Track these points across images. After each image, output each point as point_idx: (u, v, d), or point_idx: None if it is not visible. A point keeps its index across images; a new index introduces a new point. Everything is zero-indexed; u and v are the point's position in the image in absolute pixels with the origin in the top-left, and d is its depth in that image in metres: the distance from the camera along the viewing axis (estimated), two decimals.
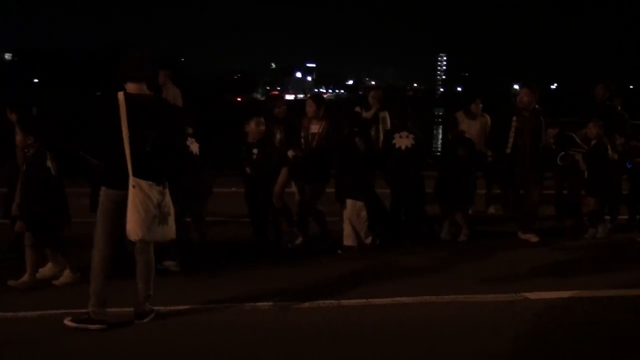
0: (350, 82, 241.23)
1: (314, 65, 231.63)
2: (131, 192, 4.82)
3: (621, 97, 10.54)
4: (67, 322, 4.94)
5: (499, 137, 8.41)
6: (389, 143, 7.97)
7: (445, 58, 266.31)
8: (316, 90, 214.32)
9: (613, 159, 8.62)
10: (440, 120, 44.55)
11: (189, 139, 6.60)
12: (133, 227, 4.84)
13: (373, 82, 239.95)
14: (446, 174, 8.25)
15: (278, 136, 7.75)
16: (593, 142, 8.52)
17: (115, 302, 5.11)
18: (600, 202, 8.53)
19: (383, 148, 8.34)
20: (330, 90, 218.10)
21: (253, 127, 7.07)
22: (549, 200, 9.27)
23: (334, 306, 5.69)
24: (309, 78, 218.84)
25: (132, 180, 4.81)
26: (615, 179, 8.82)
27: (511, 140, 8.20)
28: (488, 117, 9.78)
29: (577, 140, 9.00)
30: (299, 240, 7.81)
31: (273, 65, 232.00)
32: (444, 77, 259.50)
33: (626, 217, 9.31)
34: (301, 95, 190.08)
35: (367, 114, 9.14)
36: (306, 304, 5.71)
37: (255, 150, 7.08)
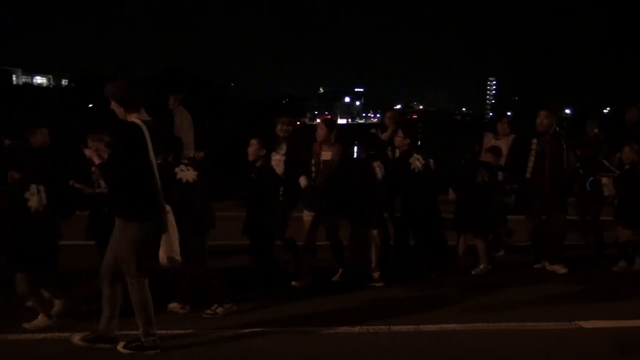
0: (399, 106, 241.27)
1: (362, 89, 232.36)
2: (170, 217, 4.88)
3: None
4: (120, 348, 4.93)
5: (518, 160, 8.02)
6: (403, 165, 7.64)
7: (495, 82, 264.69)
8: (364, 114, 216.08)
9: None
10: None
11: (182, 166, 6.08)
12: (175, 250, 4.90)
13: (421, 107, 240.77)
14: (463, 200, 7.89)
15: (277, 157, 7.40)
16: (627, 166, 8.04)
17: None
18: (635, 232, 7.90)
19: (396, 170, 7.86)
20: (378, 115, 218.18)
21: (251, 147, 6.83)
22: (575, 228, 8.75)
23: (385, 332, 5.59)
24: (357, 102, 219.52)
25: (167, 206, 4.88)
26: None
27: (531, 164, 7.82)
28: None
29: (607, 164, 8.64)
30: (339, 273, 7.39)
31: (321, 89, 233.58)
32: (493, 101, 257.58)
33: None
34: (345, 120, 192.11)
35: (384, 136, 8.80)
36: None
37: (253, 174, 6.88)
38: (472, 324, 5.80)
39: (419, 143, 7.95)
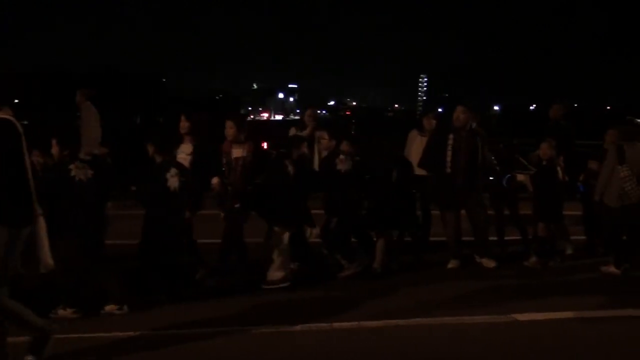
0: (332, 102, 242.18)
1: (296, 86, 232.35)
2: (40, 221, 4.49)
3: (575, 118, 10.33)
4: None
5: (434, 156, 8.02)
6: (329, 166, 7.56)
7: (425, 79, 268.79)
8: (298, 110, 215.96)
9: (564, 181, 8.31)
10: None
11: (77, 162, 5.84)
12: (48, 256, 4.56)
13: (354, 103, 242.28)
14: (380, 198, 7.68)
15: (182, 156, 7.10)
16: (544, 162, 8.21)
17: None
18: (548, 227, 8.12)
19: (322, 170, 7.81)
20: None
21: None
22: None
23: (327, 329, 5.60)
24: (291, 99, 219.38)
25: (38, 207, 4.47)
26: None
27: (449, 159, 7.85)
28: None
29: (523, 161, 8.73)
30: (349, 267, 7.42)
31: (255, 85, 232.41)
32: (424, 98, 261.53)
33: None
34: (280, 117, 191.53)
35: (303, 133, 8.67)
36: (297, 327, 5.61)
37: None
38: (413, 319, 5.86)
39: (351, 140, 7.82)
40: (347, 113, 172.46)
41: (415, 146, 8.97)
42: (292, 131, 8.83)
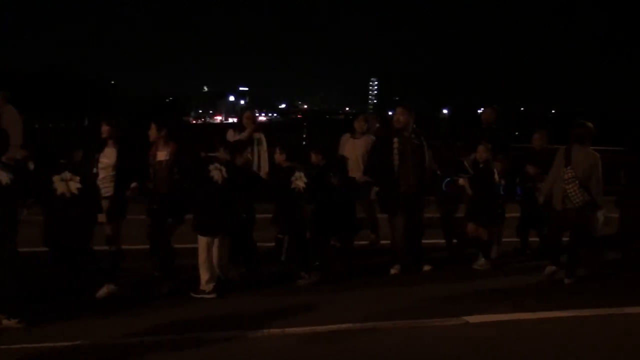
0: (283, 105, 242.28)
1: (246, 88, 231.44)
2: None
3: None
4: None
5: (379, 161, 7.82)
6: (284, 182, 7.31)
7: (376, 82, 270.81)
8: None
9: (499, 184, 8.29)
10: None
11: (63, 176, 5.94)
12: None
13: (305, 106, 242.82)
14: (320, 204, 7.58)
15: (104, 160, 7.00)
16: (481, 165, 8.22)
17: None
18: (488, 230, 8.16)
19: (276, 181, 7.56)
20: (262, 114, 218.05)
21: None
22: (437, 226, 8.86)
23: (280, 334, 5.55)
24: (242, 101, 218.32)
25: None
26: (501, 204, 8.46)
27: (396, 163, 7.64)
28: (373, 138, 8.95)
29: (467, 165, 8.63)
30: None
31: (205, 88, 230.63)
32: (375, 101, 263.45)
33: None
34: (234, 120, 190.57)
35: (241, 136, 8.48)
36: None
37: None
38: (364, 323, 5.85)
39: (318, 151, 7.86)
40: (299, 116, 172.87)
41: (347, 149, 8.98)
42: (230, 134, 8.66)
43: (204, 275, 6.61)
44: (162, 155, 7.02)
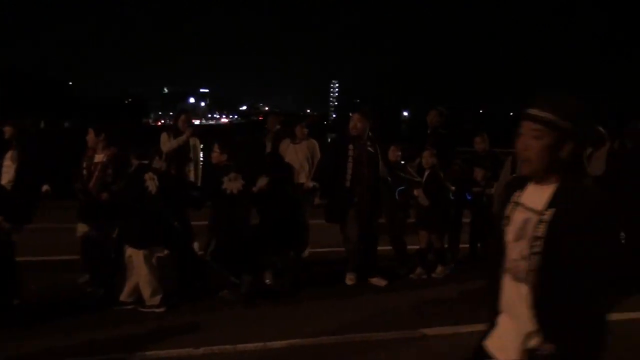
0: (244, 107, 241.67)
1: (207, 90, 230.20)
2: None
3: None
4: None
5: (333, 168, 7.47)
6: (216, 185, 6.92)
7: (337, 84, 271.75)
8: (209, 115, 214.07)
9: (450, 190, 8.08)
10: None
11: None
12: None
13: (267, 108, 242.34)
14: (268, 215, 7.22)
15: (7, 162, 6.95)
16: (427, 172, 7.86)
17: None
18: (440, 237, 7.93)
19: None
20: (223, 116, 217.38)
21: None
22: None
23: (231, 351, 5.27)
24: (202, 103, 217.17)
25: None
26: (453, 210, 8.31)
27: (350, 171, 7.32)
28: (315, 142, 9.02)
29: (410, 170, 8.32)
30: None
31: (165, 90, 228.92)
32: (336, 103, 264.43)
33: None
34: (197, 121, 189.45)
35: (177, 141, 8.17)
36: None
37: None
38: (317, 338, 5.61)
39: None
40: (260, 118, 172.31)
41: (289, 155, 8.73)
42: (164, 138, 8.30)
43: (147, 290, 6.24)
44: (99, 157, 6.90)
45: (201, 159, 8.94)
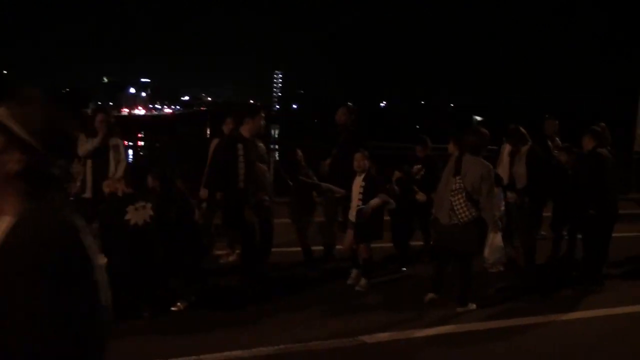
0: (186, 97, 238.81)
1: (148, 80, 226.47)
2: None
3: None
4: None
5: (221, 168, 7.04)
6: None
7: (280, 75, 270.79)
8: (151, 106, 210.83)
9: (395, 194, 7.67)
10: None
11: None
12: None
13: (209, 98, 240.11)
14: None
15: None
16: (362, 175, 7.32)
17: None
18: (368, 247, 7.36)
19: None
20: (164, 106, 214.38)
21: None
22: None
23: None
24: (143, 94, 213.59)
25: None
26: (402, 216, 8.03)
27: (242, 172, 6.83)
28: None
29: (304, 166, 8.05)
30: None
31: (105, 79, 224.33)
32: (279, 93, 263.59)
33: None
34: (136, 111, 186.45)
35: (93, 143, 7.56)
36: None
37: None
38: (257, 348, 5.38)
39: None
40: (202, 109, 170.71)
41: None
42: (82, 139, 7.50)
43: None
44: None
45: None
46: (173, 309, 6.28)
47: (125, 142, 8.35)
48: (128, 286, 5.91)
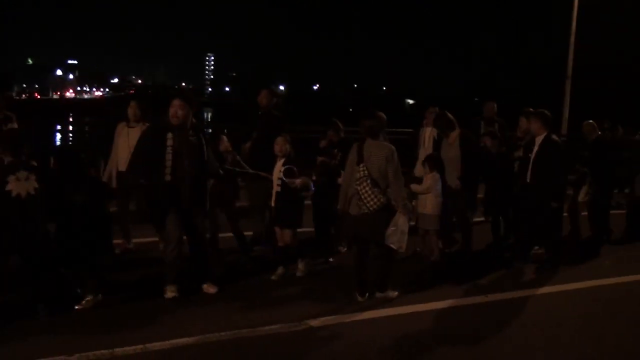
0: (115, 80, 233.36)
1: (75, 62, 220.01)
2: None
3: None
4: None
5: (145, 159, 6.45)
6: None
7: (212, 58, 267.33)
8: (79, 88, 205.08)
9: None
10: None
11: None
12: None
13: (140, 81, 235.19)
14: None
15: None
16: (282, 160, 7.17)
17: None
18: (294, 234, 7.27)
19: None
20: (94, 89, 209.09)
21: None
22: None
23: (107, 356, 5.02)
24: (71, 76, 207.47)
25: None
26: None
27: (169, 163, 6.33)
28: None
29: (239, 158, 7.85)
30: None
31: (30, 61, 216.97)
32: (212, 77, 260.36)
33: None
34: (68, 95, 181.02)
35: None
36: None
37: None
38: (203, 335, 5.46)
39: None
40: (131, 92, 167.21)
41: (122, 141, 7.93)
42: None
43: None
44: None
45: None
46: (77, 307, 6.01)
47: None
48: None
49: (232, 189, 8.03)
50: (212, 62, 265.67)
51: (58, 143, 15.93)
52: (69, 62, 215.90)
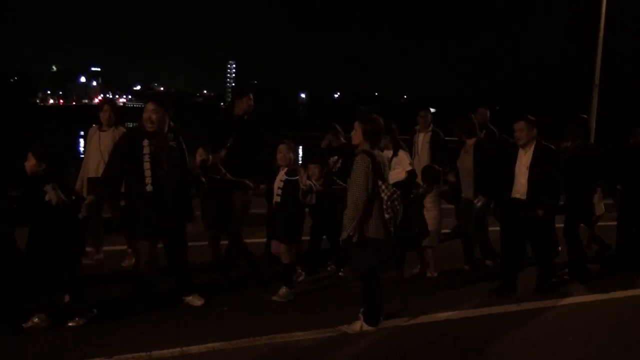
0: (138, 87, 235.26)
1: (99, 69, 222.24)
2: None
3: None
4: None
5: (121, 168, 6.08)
6: None
7: (234, 65, 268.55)
8: (102, 96, 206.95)
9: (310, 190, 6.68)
10: None
11: None
12: None
13: (162, 88, 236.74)
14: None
15: None
16: (285, 170, 6.70)
17: None
18: (289, 250, 6.72)
19: None
20: (117, 96, 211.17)
21: None
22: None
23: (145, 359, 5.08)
24: (94, 82, 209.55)
25: None
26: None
27: (148, 171, 5.97)
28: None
29: (220, 167, 7.34)
30: None
31: (54, 68, 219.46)
32: (233, 84, 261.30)
33: None
34: (86, 101, 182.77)
35: None
36: None
37: None
38: (239, 340, 5.49)
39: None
40: None
41: (93, 146, 7.66)
42: None
43: None
44: None
45: None
46: (26, 325, 5.55)
47: None
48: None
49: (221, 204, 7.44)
50: (234, 70, 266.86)
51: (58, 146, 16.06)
52: (93, 69, 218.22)
